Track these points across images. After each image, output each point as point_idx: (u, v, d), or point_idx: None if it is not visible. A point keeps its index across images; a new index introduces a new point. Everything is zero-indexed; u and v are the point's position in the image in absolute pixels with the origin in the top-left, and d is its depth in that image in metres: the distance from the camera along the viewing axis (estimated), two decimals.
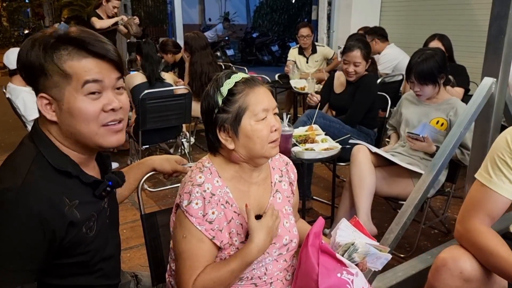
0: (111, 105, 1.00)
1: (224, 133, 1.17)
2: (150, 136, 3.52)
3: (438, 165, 1.85)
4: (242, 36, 13.48)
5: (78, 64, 0.97)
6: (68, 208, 0.97)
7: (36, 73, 0.97)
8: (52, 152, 1.00)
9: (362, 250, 1.16)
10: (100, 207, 1.10)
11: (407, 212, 1.80)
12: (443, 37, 3.41)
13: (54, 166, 0.99)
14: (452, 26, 4.95)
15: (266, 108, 1.17)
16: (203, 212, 1.14)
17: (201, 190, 1.14)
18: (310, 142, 2.51)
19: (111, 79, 1.01)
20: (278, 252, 1.25)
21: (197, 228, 1.13)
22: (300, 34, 4.85)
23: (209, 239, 1.15)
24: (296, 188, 1.39)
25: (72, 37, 0.98)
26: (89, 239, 1.04)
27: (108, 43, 1.01)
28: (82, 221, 1.01)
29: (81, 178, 1.03)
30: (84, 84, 0.97)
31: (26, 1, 16.63)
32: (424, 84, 2.37)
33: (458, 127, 1.88)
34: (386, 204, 3.04)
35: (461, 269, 1.33)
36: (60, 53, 0.97)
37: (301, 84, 4.44)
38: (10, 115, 4.50)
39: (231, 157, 1.20)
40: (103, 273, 1.13)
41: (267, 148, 1.17)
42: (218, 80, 1.19)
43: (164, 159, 1.46)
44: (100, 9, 4.79)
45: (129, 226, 2.83)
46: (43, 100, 0.99)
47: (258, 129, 1.15)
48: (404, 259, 2.41)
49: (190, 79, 4.17)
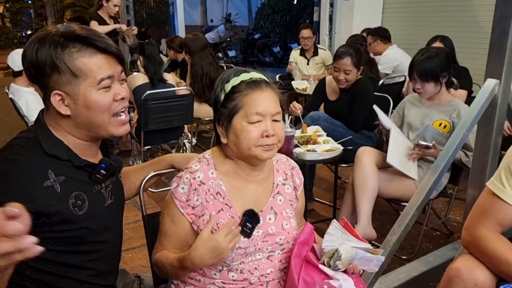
0: (121, 95, 1.11)
1: (221, 127, 1.22)
2: (152, 137, 3.52)
3: (441, 167, 1.85)
4: (243, 37, 13.47)
5: (90, 61, 1.05)
6: (49, 182, 1.04)
7: (48, 71, 1.03)
8: (46, 138, 1.09)
9: (346, 256, 1.13)
10: (94, 189, 1.15)
11: (410, 214, 1.80)
12: (445, 39, 3.40)
13: (45, 149, 1.07)
14: (454, 27, 4.94)
15: (260, 112, 1.17)
16: (187, 197, 1.19)
17: (191, 177, 1.20)
18: (312, 143, 2.51)
19: (118, 72, 1.11)
20: (271, 249, 1.24)
21: (179, 211, 1.20)
22: (301, 36, 4.85)
23: (189, 222, 1.20)
24: (302, 194, 1.38)
25: (78, 35, 1.05)
26: (79, 217, 1.09)
27: (109, 39, 1.10)
28: (64, 196, 1.06)
29: (72, 161, 1.10)
30: (100, 81, 1.06)
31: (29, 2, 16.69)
32: (425, 82, 2.35)
33: (460, 129, 1.88)
34: (387, 205, 3.03)
35: (476, 280, 1.29)
36: (70, 51, 1.03)
37: (303, 85, 4.44)
38: (13, 115, 4.52)
39: (227, 151, 1.25)
40: (96, 256, 1.18)
41: (255, 150, 1.18)
42: (228, 75, 1.22)
43: (184, 157, 1.49)
44: (101, 10, 4.77)
45: (131, 226, 2.83)
46: (56, 96, 1.05)
47: (247, 130, 1.17)
48: (406, 261, 2.41)
49: (191, 80, 4.18)
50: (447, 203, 2.82)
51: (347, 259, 1.13)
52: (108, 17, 4.78)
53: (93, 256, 1.16)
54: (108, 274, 1.24)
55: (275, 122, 1.20)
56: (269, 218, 1.26)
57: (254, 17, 16.35)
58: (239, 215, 1.22)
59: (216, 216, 1.20)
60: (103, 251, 1.19)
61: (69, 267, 1.12)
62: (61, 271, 1.11)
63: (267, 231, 1.24)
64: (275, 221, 1.26)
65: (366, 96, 2.92)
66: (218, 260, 1.12)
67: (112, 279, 1.28)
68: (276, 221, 1.26)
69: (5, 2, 16.25)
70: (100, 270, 1.19)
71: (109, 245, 1.22)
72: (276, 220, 1.26)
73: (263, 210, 1.25)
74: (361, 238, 1.20)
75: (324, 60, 4.97)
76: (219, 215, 1.20)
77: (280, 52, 11.92)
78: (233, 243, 1.12)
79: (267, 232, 1.24)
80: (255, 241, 1.22)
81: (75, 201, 1.08)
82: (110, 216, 1.22)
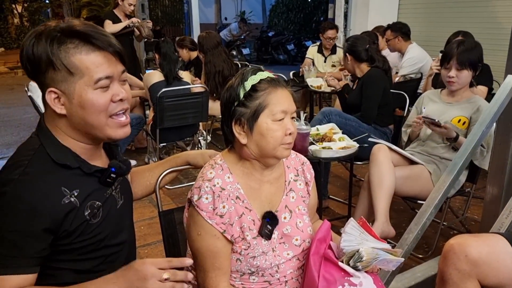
0: (119, 96, 1.05)
1: (239, 126, 1.18)
2: (168, 134, 3.55)
3: (459, 165, 1.82)
4: (258, 35, 13.46)
5: (87, 58, 0.99)
6: (66, 198, 1.01)
7: (43, 67, 0.98)
8: (53, 146, 1.04)
9: (367, 258, 1.12)
10: (106, 194, 1.13)
11: (427, 212, 1.77)
12: (467, 35, 3.32)
13: (54, 159, 1.03)
14: (473, 23, 4.84)
15: (285, 110, 1.16)
16: (213, 206, 1.15)
17: (211, 184, 1.16)
18: (327, 141, 2.50)
19: (118, 72, 1.05)
20: (289, 252, 1.24)
21: (208, 223, 1.15)
22: (327, 36, 4.81)
23: (220, 233, 1.16)
24: (314, 189, 1.38)
25: (77, 31, 0.99)
26: (94, 225, 1.07)
27: (110, 36, 1.04)
28: (81, 209, 1.04)
29: (83, 169, 1.06)
30: (97, 81, 1.00)
31: (46, 1, 16.95)
32: (463, 69, 2.33)
33: (480, 126, 1.84)
34: (403, 203, 3.00)
35: (466, 252, 1.37)
36: (67, 47, 0.98)
37: (317, 82, 4.41)
38: (31, 113, 4.60)
39: (243, 153, 1.21)
40: (116, 257, 1.16)
41: (279, 149, 1.17)
42: (244, 73, 1.19)
43: (198, 153, 1.48)
44: (117, 8, 4.83)
45: (147, 223, 2.85)
46: (51, 94, 1.01)
47: (274, 128, 1.15)
48: (422, 259, 2.38)
49: (205, 78, 4.20)
50: (464, 202, 2.77)
51: (368, 261, 1.12)
52: (123, 16, 4.83)
53: (111, 258, 1.15)
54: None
55: (293, 120, 1.21)
56: (284, 217, 1.25)
57: (268, 15, 16.32)
58: (259, 218, 1.21)
59: (238, 220, 1.18)
60: (120, 252, 1.19)
61: (87, 273, 1.10)
62: (78, 278, 1.07)
63: (283, 232, 1.24)
64: (290, 220, 1.25)
65: (373, 82, 2.94)
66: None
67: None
68: (291, 219, 1.26)
69: (23, 2, 16.52)
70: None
71: (126, 244, 1.21)
72: (291, 219, 1.26)
73: (278, 209, 1.25)
74: (379, 237, 1.18)
75: (341, 59, 4.93)
76: (242, 219, 1.19)
77: (294, 49, 11.87)
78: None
79: (283, 233, 1.24)
80: (272, 244, 1.21)
81: (91, 211, 1.06)
82: (123, 217, 1.22)
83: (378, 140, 2.48)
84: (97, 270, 1.12)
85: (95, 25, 1.05)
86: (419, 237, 1.78)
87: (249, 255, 1.18)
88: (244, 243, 1.19)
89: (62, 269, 1.07)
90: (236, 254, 1.20)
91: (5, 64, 11.56)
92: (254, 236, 1.20)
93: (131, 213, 1.30)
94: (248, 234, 1.19)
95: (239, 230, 1.18)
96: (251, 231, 1.19)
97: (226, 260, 1.19)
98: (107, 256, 1.14)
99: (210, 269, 1.17)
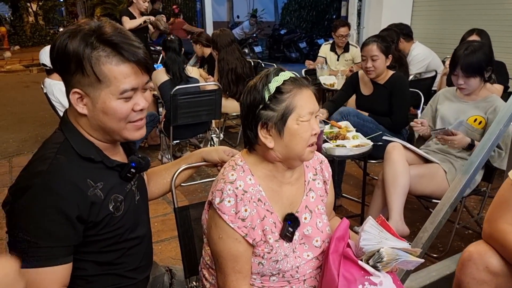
0: (140, 106, 1.09)
1: (265, 130, 1.14)
2: (181, 131, 3.57)
3: (475, 164, 1.80)
4: (270, 33, 13.43)
5: (117, 69, 1.02)
6: (91, 190, 1.05)
7: (72, 68, 1.01)
8: (78, 140, 1.08)
9: (388, 259, 1.10)
10: (126, 188, 1.17)
11: (442, 211, 1.76)
12: (481, 32, 3.27)
13: (78, 152, 1.07)
14: (488, 21, 4.78)
15: (311, 111, 1.15)
16: (236, 210, 1.13)
17: (233, 187, 1.14)
18: (341, 139, 2.49)
19: (143, 83, 1.08)
20: (312, 256, 1.24)
21: (230, 227, 1.13)
22: (339, 34, 4.78)
23: (242, 236, 1.14)
24: (331, 187, 1.37)
25: (111, 40, 1.02)
26: (117, 218, 1.11)
27: (139, 46, 1.06)
28: (106, 202, 1.08)
29: (105, 163, 1.10)
30: (123, 92, 1.04)
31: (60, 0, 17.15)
32: (470, 77, 2.28)
33: (497, 125, 1.82)
34: (417, 202, 2.98)
35: (487, 263, 1.34)
36: (99, 54, 1.01)
37: (330, 80, 4.39)
38: (46, 110, 4.66)
39: (267, 156, 1.18)
40: (134, 251, 1.20)
41: (306, 151, 1.16)
42: (267, 75, 1.16)
43: (213, 149, 1.49)
44: (132, 6, 4.88)
45: (160, 219, 2.88)
46: (75, 94, 1.04)
47: (302, 130, 1.14)
48: (437, 259, 2.36)
49: (218, 76, 4.21)
50: (479, 201, 2.74)
51: (388, 262, 1.11)
52: (138, 13, 4.88)
53: (130, 252, 1.18)
54: (144, 266, 1.27)
55: (317, 120, 1.19)
56: (305, 217, 1.25)
57: (280, 13, 16.29)
58: (280, 220, 1.21)
59: (260, 224, 1.17)
60: (139, 246, 1.21)
61: (108, 265, 1.14)
62: (100, 270, 1.13)
63: (303, 233, 1.23)
64: (310, 220, 1.25)
65: (404, 91, 2.85)
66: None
67: (147, 271, 1.31)
68: (311, 220, 1.25)
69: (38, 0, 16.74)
70: (136, 264, 1.22)
71: (144, 238, 1.24)
72: (311, 219, 1.25)
73: (299, 210, 1.24)
74: (399, 236, 1.17)
75: (354, 57, 4.90)
76: (264, 222, 1.17)
77: (306, 47, 11.81)
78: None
79: (303, 234, 1.23)
80: (293, 245, 1.21)
81: (114, 204, 1.10)
82: (141, 212, 1.25)
83: (393, 139, 2.46)
84: (118, 263, 1.16)
85: (126, 33, 1.06)
86: (434, 236, 1.76)
87: (271, 259, 1.18)
88: (266, 246, 1.18)
89: (86, 261, 1.10)
90: (258, 258, 1.19)
91: (20, 62, 11.75)
92: (276, 239, 1.19)
93: (147, 209, 1.33)
94: (270, 237, 1.18)
95: (261, 234, 1.17)
96: (273, 234, 1.19)
97: (247, 263, 1.18)
98: (128, 249, 1.17)
99: (231, 273, 1.16)
